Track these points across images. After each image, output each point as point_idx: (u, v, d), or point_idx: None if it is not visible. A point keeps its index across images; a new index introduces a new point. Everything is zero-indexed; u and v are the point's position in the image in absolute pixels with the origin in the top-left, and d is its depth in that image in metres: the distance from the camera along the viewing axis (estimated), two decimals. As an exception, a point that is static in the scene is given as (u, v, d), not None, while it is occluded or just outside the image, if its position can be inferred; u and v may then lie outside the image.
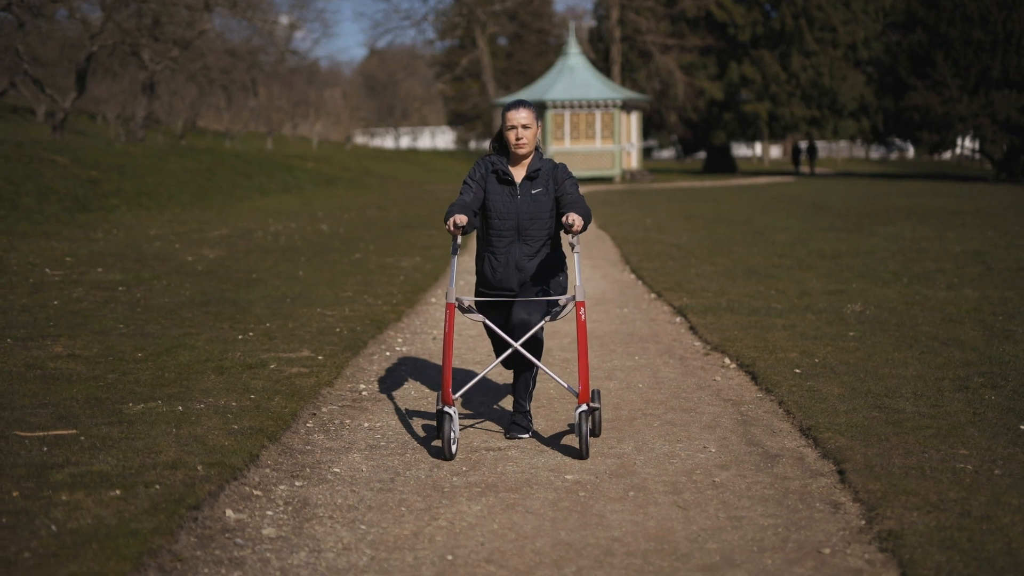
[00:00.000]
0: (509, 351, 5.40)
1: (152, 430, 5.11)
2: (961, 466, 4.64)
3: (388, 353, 7.58)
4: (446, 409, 5.07)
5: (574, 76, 41.77)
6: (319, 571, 3.74)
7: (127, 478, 4.36)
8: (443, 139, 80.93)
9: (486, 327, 5.59)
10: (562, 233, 5.44)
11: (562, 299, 5.40)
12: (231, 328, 7.95)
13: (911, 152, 76.68)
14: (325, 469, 4.88)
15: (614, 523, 4.19)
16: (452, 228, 5.15)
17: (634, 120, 43.37)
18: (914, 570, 3.60)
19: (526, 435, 5.48)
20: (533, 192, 5.41)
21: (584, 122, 41.05)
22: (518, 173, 5.46)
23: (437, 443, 5.33)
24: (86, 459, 4.60)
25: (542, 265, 5.47)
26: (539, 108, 36.00)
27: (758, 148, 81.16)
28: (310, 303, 9.24)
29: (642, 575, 3.71)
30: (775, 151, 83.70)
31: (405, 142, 76.03)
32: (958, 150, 61.25)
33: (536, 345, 5.47)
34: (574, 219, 5.11)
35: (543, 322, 5.36)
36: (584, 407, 5.08)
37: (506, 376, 6.88)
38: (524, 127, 5.35)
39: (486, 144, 62.91)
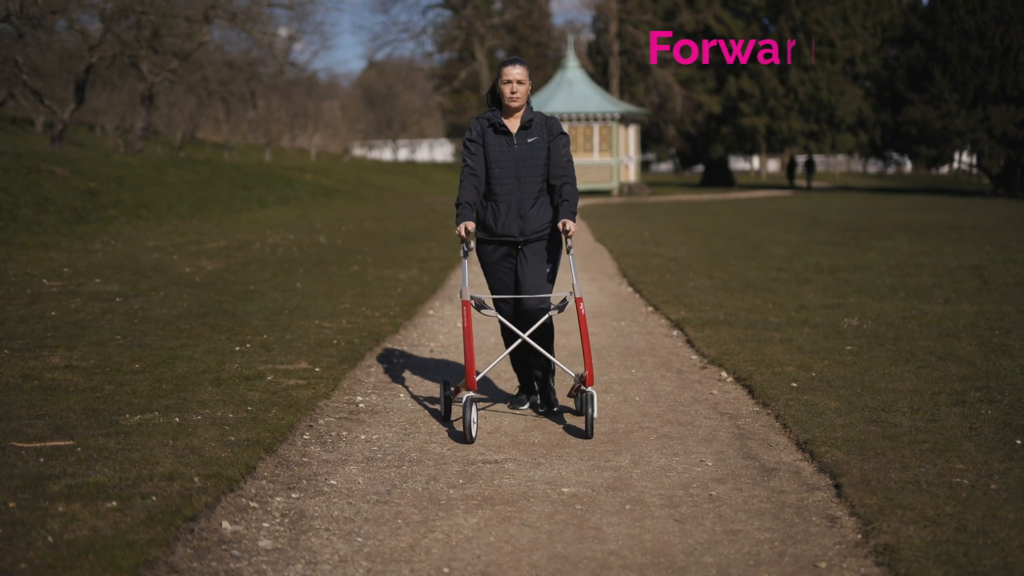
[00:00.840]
0: (518, 342, 5.88)
1: (149, 441, 5.11)
2: (957, 480, 4.65)
3: (385, 365, 7.58)
4: (470, 395, 5.53)
5: (572, 89, 41.87)
6: (315, 583, 3.74)
7: (124, 489, 4.36)
8: (441, 151, 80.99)
9: (500, 322, 6.06)
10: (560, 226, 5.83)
11: (564, 295, 5.86)
12: (228, 340, 7.95)
13: (909, 166, 76.76)
14: (322, 481, 4.88)
15: (610, 536, 4.19)
16: (463, 234, 5.67)
17: (632, 133, 43.46)
18: (910, 584, 3.61)
19: (555, 408, 6.19)
20: (529, 141, 5.86)
21: (582, 135, 41.13)
22: (512, 124, 5.90)
23: (457, 424, 5.91)
24: (83, 470, 4.60)
25: (541, 220, 5.88)
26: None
27: (756, 162, 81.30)
28: (307, 315, 9.25)
29: (638, 588, 3.71)
30: (773, 165, 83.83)
31: (403, 154, 76.09)
32: (955, 164, 61.35)
33: (549, 330, 6.02)
34: (570, 226, 5.68)
35: (550, 313, 5.83)
36: (591, 389, 5.55)
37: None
38: (519, 82, 5.80)
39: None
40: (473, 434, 5.55)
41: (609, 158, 41.34)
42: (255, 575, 3.79)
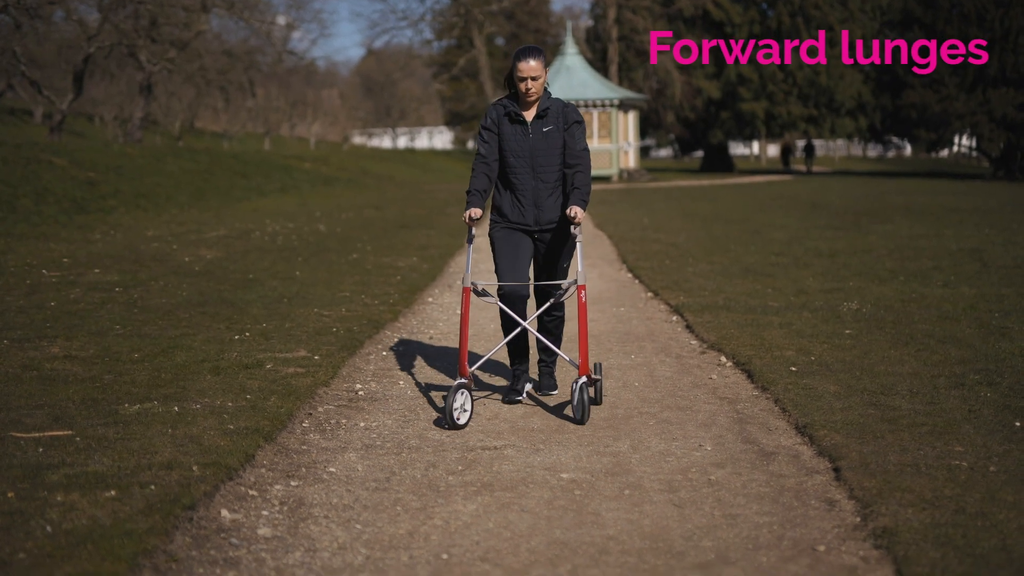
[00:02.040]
0: (518, 329, 5.92)
1: (148, 431, 5.11)
2: (956, 463, 4.65)
3: (384, 353, 7.58)
4: (461, 381, 5.55)
5: (571, 75, 41.76)
6: (314, 571, 3.74)
7: (122, 479, 4.36)
8: (440, 139, 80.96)
9: (501, 309, 6.04)
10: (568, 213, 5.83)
11: (564, 283, 5.91)
12: (228, 328, 7.95)
13: (908, 150, 76.73)
14: (321, 469, 4.88)
15: (609, 521, 4.19)
16: (468, 220, 5.69)
17: (631, 119, 43.37)
18: (909, 567, 3.61)
19: (555, 391, 6.28)
20: (544, 130, 5.82)
21: (581, 121, 40.98)
22: (528, 114, 5.86)
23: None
24: (81, 460, 4.60)
25: (558, 210, 5.87)
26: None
27: (755, 147, 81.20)
28: (307, 303, 9.25)
29: (637, 573, 3.71)
30: (772, 150, 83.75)
31: (403, 142, 75.98)
32: (955, 148, 61.28)
33: (559, 321, 6.20)
34: (576, 213, 5.63)
35: (553, 299, 5.95)
36: (584, 379, 5.59)
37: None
38: (533, 79, 5.71)
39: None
40: (456, 421, 5.48)
41: (608, 144, 41.28)
42: (254, 563, 3.79)
